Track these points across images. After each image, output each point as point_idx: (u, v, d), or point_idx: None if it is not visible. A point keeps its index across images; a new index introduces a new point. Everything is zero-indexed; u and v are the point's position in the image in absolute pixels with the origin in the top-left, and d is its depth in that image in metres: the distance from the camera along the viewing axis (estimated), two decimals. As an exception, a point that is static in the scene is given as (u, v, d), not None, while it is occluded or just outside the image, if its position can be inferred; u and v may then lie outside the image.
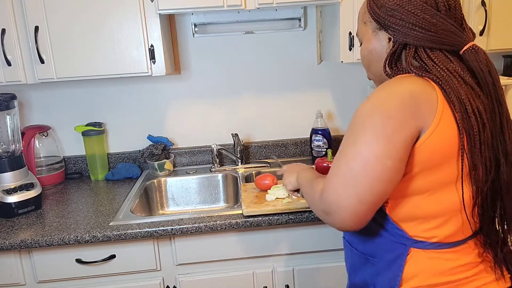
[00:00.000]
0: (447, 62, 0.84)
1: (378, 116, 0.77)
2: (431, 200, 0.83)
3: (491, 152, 0.82)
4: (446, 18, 0.84)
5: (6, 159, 1.56)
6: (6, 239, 1.35)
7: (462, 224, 0.86)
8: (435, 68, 0.83)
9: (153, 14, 1.54)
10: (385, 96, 0.79)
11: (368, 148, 0.77)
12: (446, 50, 0.85)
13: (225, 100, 1.97)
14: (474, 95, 0.82)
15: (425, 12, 0.84)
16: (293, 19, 1.88)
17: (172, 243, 1.44)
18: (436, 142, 0.79)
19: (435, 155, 0.79)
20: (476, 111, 0.80)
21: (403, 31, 0.86)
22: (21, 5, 1.50)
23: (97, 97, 1.93)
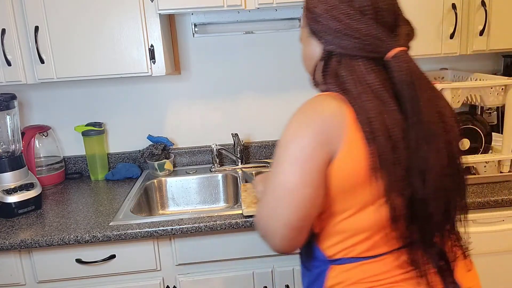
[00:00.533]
0: (367, 73, 0.79)
1: (293, 145, 0.79)
2: (350, 220, 0.83)
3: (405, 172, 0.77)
4: (371, 23, 0.79)
5: (6, 159, 1.56)
6: (6, 239, 1.35)
7: (382, 240, 0.84)
8: (353, 82, 0.79)
9: (153, 14, 1.55)
10: (300, 124, 0.80)
11: (287, 178, 0.79)
12: (370, 58, 0.80)
13: (225, 100, 1.97)
14: (385, 111, 0.77)
15: (350, 18, 0.79)
16: (293, 19, 1.88)
17: (172, 243, 1.44)
18: (346, 165, 0.78)
19: (348, 178, 0.79)
20: (384, 130, 0.76)
21: (328, 39, 0.82)
22: (21, 5, 1.50)
23: (97, 97, 1.93)
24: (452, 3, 1.57)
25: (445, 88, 1.45)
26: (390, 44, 0.78)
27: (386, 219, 0.81)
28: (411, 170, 0.77)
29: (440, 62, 1.96)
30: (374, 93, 0.78)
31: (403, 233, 0.81)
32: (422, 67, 0.83)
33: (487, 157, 1.54)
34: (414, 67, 0.78)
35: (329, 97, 0.81)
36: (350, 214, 0.83)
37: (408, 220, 0.80)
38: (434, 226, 0.81)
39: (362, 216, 0.82)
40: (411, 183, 0.78)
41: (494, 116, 1.88)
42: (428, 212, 0.79)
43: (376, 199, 0.81)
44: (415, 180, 0.77)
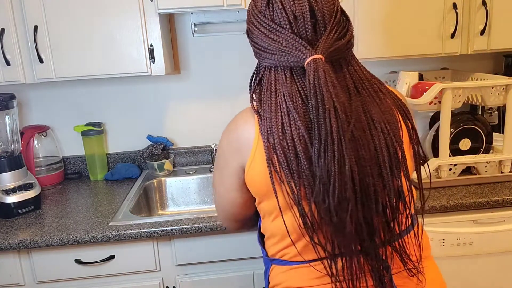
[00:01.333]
0: (283, 84, 0.81)
1: (218, 153, 0.93)
2: (275, 223, 0.88)
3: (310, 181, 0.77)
4: (289, 34, 0.80)
5: (5, 159, 1.55)
6: (5, 239, 1.35)
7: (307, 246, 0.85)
8: (267, 94, 0.82)
9: (152, 13, 1.54)
10: (223, 134, 0.91)
11: (215, 174, 0.96)
12: (292, 68, 0.81)
13: (225, 100, 1.97)
14: (291, 122, 0.78)
15: (271, 31, 0.82)
16: (293, 18, 1.87)
17: (172, 243, 1.43)
18: (252, 176, 0.85)
19: (256, 186, 0.86)
20: (288, 140, 0.78)
21: (256, 52, 0.87)
22: (20, 4, 1.50)
23: (96, 97, 1.92)
24: (453, 2, 1.57)
25: (446, 88, 1.44)
26: (305, 53, 0.78)
27: (297, 227, 0.83)
28: (315, 180, 0.76)
29: (441, 62, 1.96)
30: (278, 106, 0.80)
31: (324, 244, 0.80)
32: (423, 67, 0.80)
33: (488, 157, 1.54)
34: (322, 74, 0.76)
35: (246, 112, 0.88)
36: (272, 219, 0.88)
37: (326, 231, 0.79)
38: (351, 237, 0.78)
39: (281, 221, 0.86)
40: (316, 193, 0.77)
41: (495, 116, 1.87)
42: (338, 221, 0.77)
43: (284, 210, 0.83)
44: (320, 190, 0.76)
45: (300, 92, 0.80)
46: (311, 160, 0.77)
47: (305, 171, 0.77)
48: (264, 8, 0.83)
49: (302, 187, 0.78)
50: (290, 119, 0.79)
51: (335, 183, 0.75)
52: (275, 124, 0.79)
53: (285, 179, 0.79)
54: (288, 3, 0.80)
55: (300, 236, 0.85)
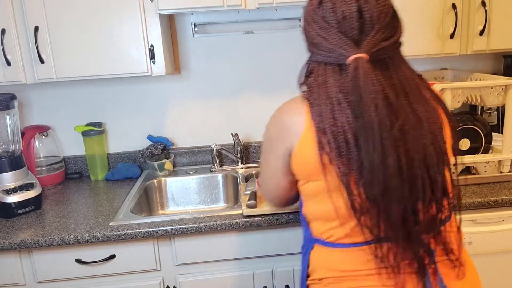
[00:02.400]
0: (330, 77, 0.87)
1: (265, 138, 1.01)
2: (322, 204, 0.91)
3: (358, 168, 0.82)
4: (335, 32, 0.86)
5: (6, 159, 1.56)
6: (6, 239, 1.35)
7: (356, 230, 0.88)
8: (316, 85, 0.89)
9: (153, 14, 1.54)
10: (271, 121, 0.99)
11: (262, 157, 1.05)
12: (337, 64, 0.87)
13: (225, 100, 1.97)
14: (337, 112, 0.84)
15: (321, 29, 0.88)
16: (293, 19, 1.88)
17: (172, 243, 1.44)
18: (300, 159, 0.91)
19: (303, 169, 0.92)
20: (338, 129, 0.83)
21: (309, 48, 0.94)
22: (21, 5, 1.50)
23: (97, 97, 1.93)
24: (452, 3, 1.57)
25: (445, 88, 1.45)
26: (348, 51, 0.84)
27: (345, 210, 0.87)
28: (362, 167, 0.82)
29: (440, 62, 1.96)
30: (330, 96, 0.85)
31: (371, 227, 0.85)
32: (422, 67, 0.83)
33: (487, 157, 1.54)
34: (363, 73, 0.81)
35: (295, 100, 0.94)
36: (318, 201, 0.92)
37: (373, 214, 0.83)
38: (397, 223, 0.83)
39: (327, 203, 0.90)
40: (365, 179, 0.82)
41: (494, 116, 1.88)
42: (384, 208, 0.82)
43: (333, 191, 0.88)
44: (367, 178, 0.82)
45: (347, 87, 0.85)
46: (359, 149, 0.82)
47: (354, 156, 0.82)
48: (317, 7, 0.89)
49: (351, 171, 0.83)
50: (341, 108, 0.84)
51: (379, 173, 0.80)
52: (325, 111, 0.85)
53: (334, 161, 0.84)
54: (339, 3, 0.86)
55: (347, 219, 0.89)
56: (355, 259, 0.90)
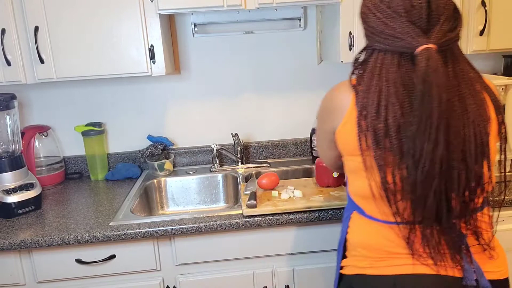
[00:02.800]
0: (391, 66, 0.88)
1: (318, 113, 1.08)
2: (357, 182, 0.97)
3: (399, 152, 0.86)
4: (405, 21, 0.87)
5: (6, 159, 1.56)
6: (6, 239, 1.35)
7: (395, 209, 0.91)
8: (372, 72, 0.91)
9: (153, 14, 1.54)
10: (322, 103, 1.06)
11: (317, 135, 1.13)
12: (402, 53, 0.88)
13: (225, 100, 1.97)
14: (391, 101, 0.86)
15: (386, 16, 0.89)
16: (293, 19, 1.88)
17: (172, 243, 1.44)
18: (342, 138, 0.97)
19: (344, 147, 0.98)
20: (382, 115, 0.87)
21: (368, 35, 0.94)
22: (21, 5, 1.50)
23: (97, 97, 1.93)
24: (452, 3, 1.57)
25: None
26: (419, 42, 0.85)
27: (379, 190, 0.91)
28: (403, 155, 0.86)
29: (440, 62, 1.96)
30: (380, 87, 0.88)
31: (402, 210, 0.89)
32: None
33: (487, 157, 1.54)
34: (434, 64, 0.82)
35: (344, 83, 0.98)
36: (355, 178, 0.98)
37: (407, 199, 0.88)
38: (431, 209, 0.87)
39: (362, 182, 0.94)
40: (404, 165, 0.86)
41: (494, 116, 1.87)
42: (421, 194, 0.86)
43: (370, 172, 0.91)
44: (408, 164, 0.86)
45: (403, 77, 0.87)
46: (401, 140, 0.86)
47: (393, 147, 0.86)
48: None
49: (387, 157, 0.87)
50: (388, 103, 0.87)
51: (425, 161, 0.84)
52: (371, 104, 0.88)
53: (371, 148, 0.89)
54: None
55: (379, 199, 0.93)
56: (391, 236, 0.94)
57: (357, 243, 1.00)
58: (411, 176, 0.86)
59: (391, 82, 0.87)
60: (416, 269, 0.91)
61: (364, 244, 0.99)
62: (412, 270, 0.91)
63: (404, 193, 0.88)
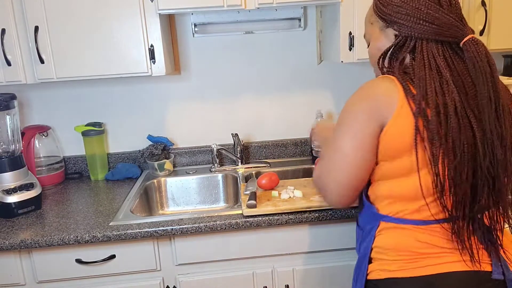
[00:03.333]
0: (437, 55, 0.92)
1: (350, 116, 0.96)
2: (398, 184, 0.95)
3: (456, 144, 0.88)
4: (448, 13, 0.93)
5: (6, 159, 1.56)
6: (6, 239, 1.35)
7: (428, 208, 0.93)
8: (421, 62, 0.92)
9: (153, 14, 1.54)
10: (355, 99, 0.97)
11: (345, 143, 0.96)
12: (446, 42, 0.93)
13: (225, 100, 1.97)
14: (446, 89, 0.89)
15: (428, 8, 0.93)
16: (293, 19, 1.88)
17: (172, 243, 1.44)
18: (392, 134, 0.92)
19: (393, 145, 0.92)
20: (441, 105, 0.88)
21: (409, 25, 0.95)
22: (21, 5, 1.50)
23: (97, 97, 1.93)
24: (452, 3, 1.57)
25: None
26: (465, 32, 0.92)
27: (430, 188, 0.91)
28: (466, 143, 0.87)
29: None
30: (440, 73, 0.91)
31: (448, 204, 0.90)
32: None
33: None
34: (487, 51, 0.90)
35: (384, 79, 0.95)
36: (394, 181, 0.95)
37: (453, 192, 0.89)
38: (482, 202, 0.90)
39: (407, 182, 0.93)
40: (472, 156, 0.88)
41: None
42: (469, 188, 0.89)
43: (421, 168, 0.91)
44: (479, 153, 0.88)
45: (451, 65, 0.91)
46: (460, 127, 0.88)
47: (450, 136, 0.87)
48: None
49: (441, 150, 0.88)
50: (444, 89, 0.89)
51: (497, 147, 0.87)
52: (430, 92, 0.89)
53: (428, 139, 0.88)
54: None
55: (425, 197, 0.93)
56: (427, 237, 0.94)
57: (388, 248, 0.98)
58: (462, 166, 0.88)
59: (446, 69, 0.90)
60: (449, 267, 0.92)
61: (395, 248, 0.97)
62: (444, 268, 0.92)
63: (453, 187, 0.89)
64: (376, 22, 1.04)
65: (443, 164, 0.88)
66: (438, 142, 0.88)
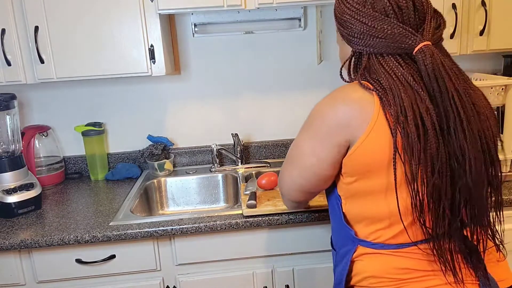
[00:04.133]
0: (396, 67, 0.85)
1: (317, 119, 0.91)
2: (373, 204, 0.89)
3: (434, 159, 0.81)
4: (395, 22, 0.85)
5: (6, 159, 1.56)
6: (6, 239, 1.35)
7: (408, 229, 0.88)
8: (384, 75, 0.85)
9: (153, 14, 1.54)
10: (329, 104, 0.89)
11: (303, 143, 0.93)
12: (398, 54, 0.86)
13: (225, 100, 1.97)
14: (419, 101, 0.82)
15: (374, 20, 0.86)
16: (293, 19, 1.88)
17: (172, 243, 1.44)
18: (365, 152, 0.85)
19: (366, 163, 0.86)
20: (418, 118, 0.81)
21: (356, 41, 0.90)
22: (21, 5, 1.50)
23: (97, 97, 1.93)
24: (452, 3, 1.57)
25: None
26: (415, 40, 0.83)
27: (408, 207, 0.86)
28: (442, 158, 0.81)
29: (440, 62, 1.96)
30: (408, 83, 0.83)
31: (428, 223, 0.84)
32: None
33: (487, 157, 1.54)
34: (439, 59, 0.82)
35: (357, 86, 0.88)
36: (367, 201, 0.89)
37: (432, 210, 0.83)
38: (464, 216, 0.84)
39: (384, 202, 0.88)
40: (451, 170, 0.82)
41: (494, 116, 1.87)
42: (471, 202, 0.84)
43: (397, 186, 0.85)
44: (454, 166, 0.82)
45: (414, 77, 0.84)
46: (438, 140, 0.81)
47: (430, 149, 0.80)
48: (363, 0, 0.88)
49: (420, 167, 0.81)
50: (418, 97, 0.82)
51: (470, 160, 0.81)
52: (406, 102, 0.81)
53: (407, 154, 0.82)
54: None
55: (398, 219, 0.87)
56: (408, 261, 0.89)
57: (368, 276, 0.93)
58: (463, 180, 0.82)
59: (412, 78, 0.83)
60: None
61: (375, 275, 0.91)
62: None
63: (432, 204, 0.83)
64: (337, 30, 0.97)
65: (422, 181, 0.82)
66: (417, 158, 0.81)
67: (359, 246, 0.93)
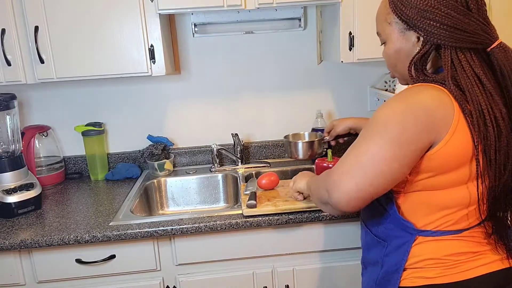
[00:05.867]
0: (474, 65, 0.87)
1: (394, 125, 0.85)
2: (441, 196, 0.92)
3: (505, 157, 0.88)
4: (477, 17, 0.87)
5: (6, 159, 1.56)
6: (6, 239, 1.35)
7: (467, 216, 0.93)
8: (461, 73, 0.87)
9: (153, 14, 1.54)
10: (403, 108, 0.85)
11: (379, 150, 0.85)
12: (473, 50, 0.88)
13: (225, 100, 1.97)
14: (493, 103, 0.86)
15: (458, 12, 0.87)
16: (293, 19, 1.88)
17: (172, 243, 1.44)
18: (448, 152, 0.86)
19: (448, 162, 0.87)
20: (493, 120, 0.86)
21: (437, 32, 0.88)
22: (21, 5, 1.50)
23: (97, 97, 1.93)
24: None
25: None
26: (493, 37, 0.88)
27: (473, 197, 0.91)
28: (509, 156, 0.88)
29: (440, 62, 1.96)
30: (482, 85, 0.86)
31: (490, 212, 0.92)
32: None
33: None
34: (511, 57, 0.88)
35: (430, 88, 0.88)
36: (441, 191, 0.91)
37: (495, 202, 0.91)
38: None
39: (451, 193, 0.91)
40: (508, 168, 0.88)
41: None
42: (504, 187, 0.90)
43: (468, 181, 0.90)
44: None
45: (489, 72, 0.88)
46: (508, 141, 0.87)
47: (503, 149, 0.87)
48: None
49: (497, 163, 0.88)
50: (491, 101, 0.86)
51: None
52: (484, 103, 0.86)
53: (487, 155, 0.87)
54: None
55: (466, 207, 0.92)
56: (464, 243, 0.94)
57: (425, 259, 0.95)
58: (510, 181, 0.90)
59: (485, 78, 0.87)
60: (489, 268, 0.93)
61: (433, 258, 0.95)
62: (485, 270, 0.93)
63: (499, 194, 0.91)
64: (395, 23, 0.95)
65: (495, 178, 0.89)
66: (494, 156, 0.87)
67: (418, 236, 0.95)
